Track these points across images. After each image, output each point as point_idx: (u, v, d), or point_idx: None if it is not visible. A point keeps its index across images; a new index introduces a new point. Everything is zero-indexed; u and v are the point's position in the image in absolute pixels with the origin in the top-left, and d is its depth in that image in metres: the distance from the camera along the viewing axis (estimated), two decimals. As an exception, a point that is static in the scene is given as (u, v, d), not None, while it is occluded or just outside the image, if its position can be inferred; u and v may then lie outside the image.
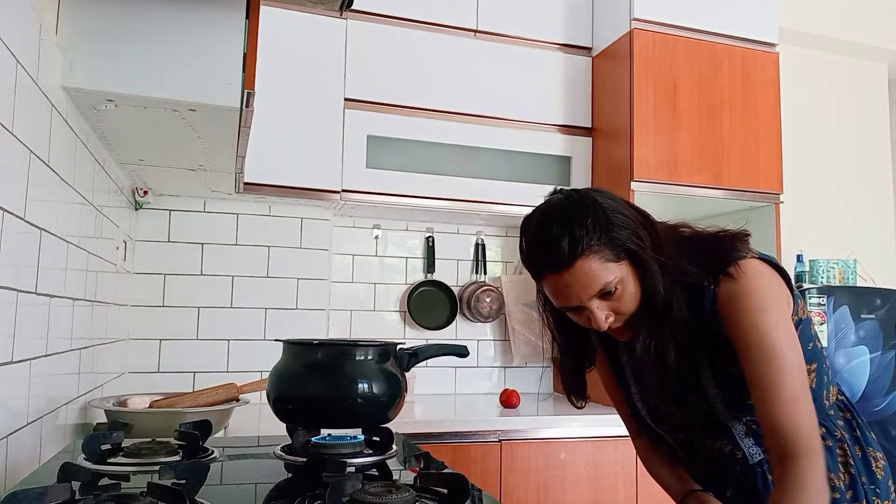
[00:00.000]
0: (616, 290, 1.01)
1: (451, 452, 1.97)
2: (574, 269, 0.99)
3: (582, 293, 1.01)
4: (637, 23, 2.35)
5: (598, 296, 1.01)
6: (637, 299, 1.03)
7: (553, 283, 1.02)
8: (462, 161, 2.38)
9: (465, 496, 0.84)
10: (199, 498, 0.87)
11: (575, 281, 1.00)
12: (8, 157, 0.99)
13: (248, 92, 1.31)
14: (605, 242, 0.99)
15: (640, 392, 1.19)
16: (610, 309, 1.03)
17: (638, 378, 1.19)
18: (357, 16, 2.31)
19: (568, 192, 1.07)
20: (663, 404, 1.16)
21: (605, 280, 1.00)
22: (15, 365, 1.04)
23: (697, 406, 1.10)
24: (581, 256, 0.98)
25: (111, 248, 1.85)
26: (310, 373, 1.22)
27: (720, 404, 1.07)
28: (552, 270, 1.01)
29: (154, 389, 2.07)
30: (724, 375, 1.05)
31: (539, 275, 1.04)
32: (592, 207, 1.01)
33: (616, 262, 1.00)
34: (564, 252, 0.98)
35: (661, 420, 1.17)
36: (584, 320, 1.05)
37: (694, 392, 1.09)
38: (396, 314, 2.63)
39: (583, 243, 0.98)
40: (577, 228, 0.99)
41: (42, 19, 1.15)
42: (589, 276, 0.99)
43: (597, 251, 0.99)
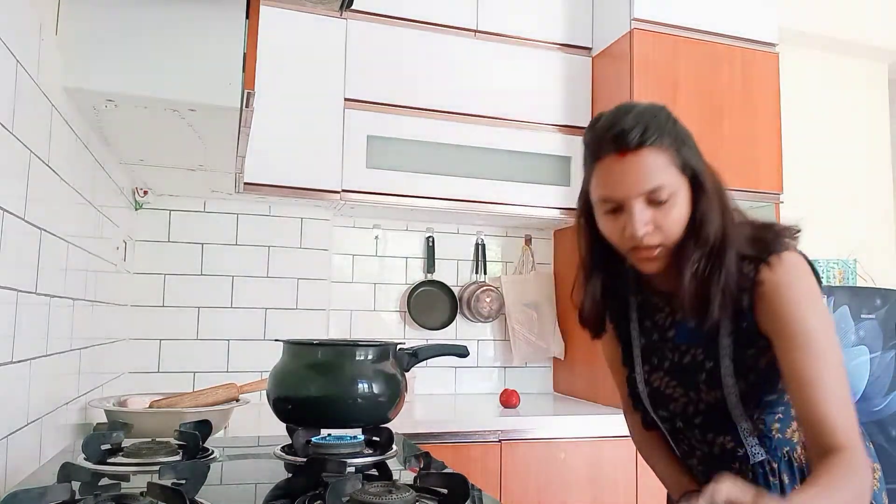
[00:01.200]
0: (666, 202, 0.97)
1: (451, 452, 1.97)
2: (638, 154, 0.96)
3: (634, 185, 0.97)
4: (637, 23, 2.35)
5: (647, 198, 0.97)
6: (682, 225, 1.00)
7: (610, 166, 0.98)
8: (462, 161, 2.38)
9: (465, 496, 0.85)
10: (199, 498, 0.87)
11: (633, 168, 0.96)
12: (8, 157, 0.99)
13: (248, 92, 1.31)
14: (674, 149, 0.98)
15: (645, 373, 1.15)
16: (651, 219, 0.98)
17: (647, 357, 1.15)
18: (357, 16, 2.31)
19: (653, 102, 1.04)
20: (669, 387, 1.11)
21: (662, 181, 0.96)
22: (15, 365, 1.04)
23: (707, 395, 1.06)
24: (649, 146, 0.96)
25: (111, 248, 1.85)
26: (310, 373, 1.22)
27: (734, 396, 1.03)
28: (616, 150, 0.97)
29: (154, 389, 2.07)
30: (747, 367, 1.02)
31: (599, 154, 0.99)
32: (672, 120, 1.00)
33: (677, 172, 0.98)
34: (636, 135, 0.95)
35: (662, 405, 1.13)
36: (618, 228, 1.00)
37: (708, 379, 1.05)
38: (396, 314, 2.63)
39: (655, 135, 0.96)
40: (654, 125, 0.97)
41: (42, 19, 1.15)
42: (649, 168, 0.96)
43: (665, 150, 0.97)
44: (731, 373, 1.03)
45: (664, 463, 1.19)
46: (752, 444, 1.05)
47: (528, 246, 2.80)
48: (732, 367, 1.03)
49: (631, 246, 1.01)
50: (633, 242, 0.99)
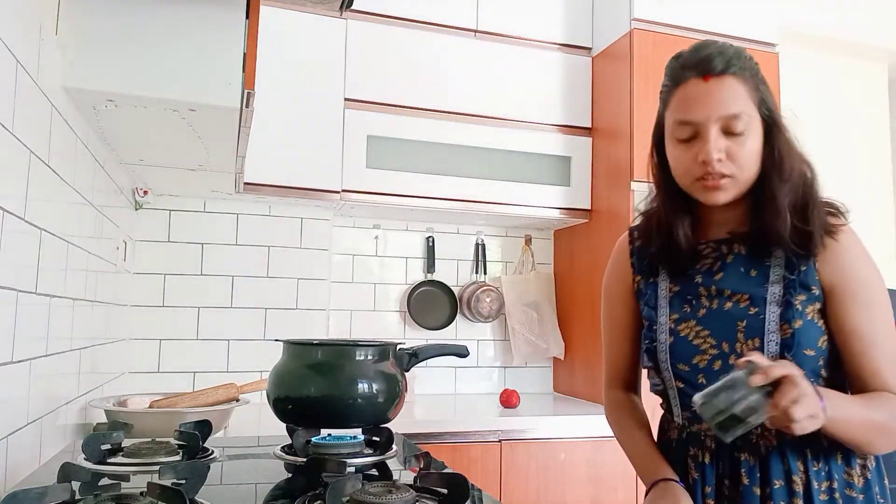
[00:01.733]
0: (742, 134, 0.99)
1: (451, 452, 1.97)
2: (722, 79, 0.99)
3: (714, 109, 0.99)
4: (637, 23, 2.35)
5: (724, 126, 0.99)
6: (755, 160, 1.01)
7: (692, 89, 1.01)
8: (462, 161, 2.38)
9: (465, 496, 0.85)
10: (199, 498, 0.87)
11: (716, 92, 0.99)
12: (8, 157, 0.99)
13: (248, 92, 1.31)
14: (755, 85, 1.01)
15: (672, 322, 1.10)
16: (726, 149, 1.00)
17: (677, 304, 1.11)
18: (357, 16, 2.31)
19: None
20: (699, 337, 1.07)
21: (741, 108, 0.99)
22: (15, 365, 1.04)
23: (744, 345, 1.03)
24: (733, 74, 0.99)
25: (111, 248, 1.85)
26: (310, 373, 1.22)
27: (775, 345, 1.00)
28: (700, 73, 1.00)
29: (154, 389, 2.07)
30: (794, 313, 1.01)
31: (683, 77, 1.02)
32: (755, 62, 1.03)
33: (755, 107, 1.01)
34: (721, 62, 0.99)
35: (685, 358, 1.08)
36: (691, 157, 1.01)
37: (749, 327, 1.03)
38: (396, 314, 2.63)
39: (738, 66, 0.99)
40: (738, 58, 1.00)
41: (42, 19, 1.15)
42: (731, 93, 0.99)
43: (747, 82, 1.00)
44: (777, 319, 1.01)
45: (639, 440, 1.15)
46: None
47: (528, 246, 2.80)
48: (779, 312, 1.02)
49: (700, 174, 1.01)
50: (704, 170, 1.00)
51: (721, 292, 1.07)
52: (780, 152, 1.02)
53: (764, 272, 1.05)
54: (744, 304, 1.04)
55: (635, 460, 1.15)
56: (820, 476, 1.01)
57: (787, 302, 1.01)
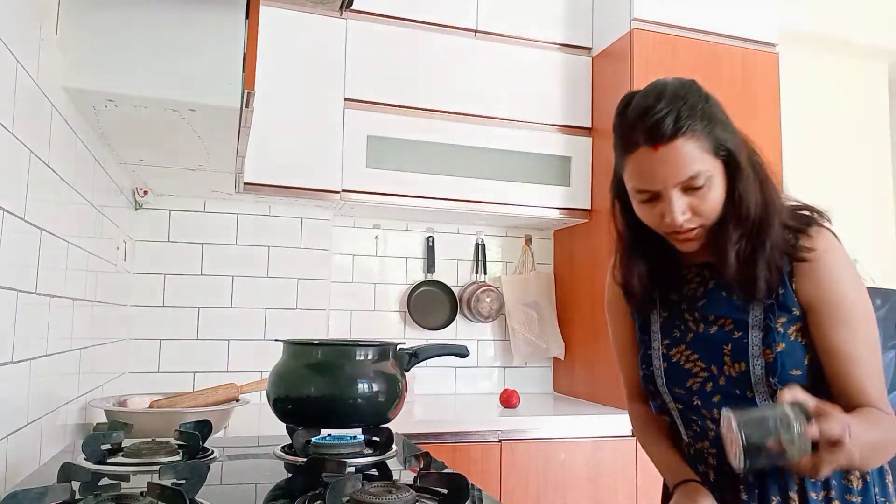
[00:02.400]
0: (702, 187, 0.98)
1: (451, 452, 1.97)
2: (671, 146, 0.96)
3: (670, 175, 0.97)
4: (637, 23, 2.34)
5: (683, 187, 0.98)
6: (719, 206, 1.00)
7: (643, 159, 0.98)
8: (462, 161, 2.38)
9: (465, 496, 0.84)
10: (199, 498, 0.87)
11: (668, 159, 0.96)
12: (8, 157, 0.99)
13: (248, 92, 1.31)
14: (707, 133, 0.97)
15: (664, 347, 1.13)
16: (689, 206, 0.99)
17: (667, 330, 1.14)
18: (357, 16, 2.30)
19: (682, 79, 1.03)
20: (689, 361, 1.10)
21: (698, 168, 0.96)
22: (15, 365, 1.04)
23: (731, 368, 1.04)
24: (683, 136, 0.96)
25: (111, 248, 1.85)
26: (310, 373, 1.22)
27: (760, 368, 1.01)
28: (649, 143, 0.97)
29: (154, 389, 2.07)
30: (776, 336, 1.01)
31: (631, 147, 0.99)
32: (705, 99, 1.00)
33: (711, 157, 0.98)
34: (668, 126, 0.95)
35: (679, 382, 1.11)
36: (657, 216, 1.01)
37: (734, 350, 1.04)
38: (396, 314, 2.63)
39: (688, 124, 0.96)
40: (686, 110, 0.96)
41: (42, 19, 1.15)
42: (684, 158, 0.96)
43: (699, 136, 0.97)
44: (759, 343, 1.02)
45: (663, 448, 1.17)
46: None
47: (528, 246, 2.80)
48: (762, 336, 1.02)
49: (669, 231, 1.02)
50: (673, 228, 1.01)
51: (706, 318, 1.09)
52: (740, 196, 1.00)
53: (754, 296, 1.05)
54: (728, 328, 1.06)
55: (661, 467, 1.17)
56: (816, 486, 1.01)
57: (768, 326, 1.02)
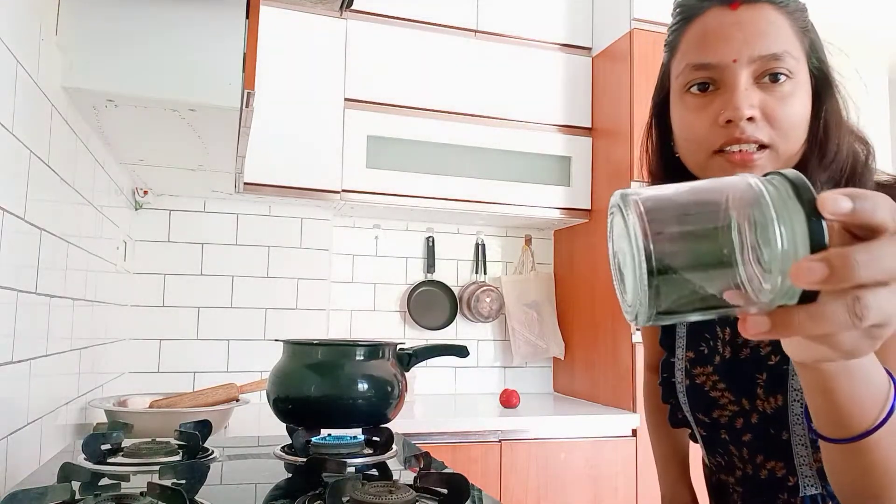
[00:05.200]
0: (785, 82, 0.70)
1: (451, 452, 1.97)
2: (758, 7, 0.70)
3: (746, 45, 0.69)
4: (637, 23, 2.35)
5: (761, 69, 0.70)
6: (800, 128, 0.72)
7: (713, 20, 0.72)
8: (462, 161, 2.38)
9: (465, 496, 0.84)
10: (199, 498, 0.87)
11: (750, 21, 0.70)
12: (8, 157, 0.99)
13: (248, 92, 1.31)
14: (803, 26, 0.73)
15: (688, 361, 0.91)
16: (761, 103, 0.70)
17: (694, 341, 0.91)
18: (357, 16, 2.31)
19: None
20: (716, 390, 0.87)
21: (785, 48, 0.70)
22: (15, 365, 1.04)
23: (765, 402, 0.82)
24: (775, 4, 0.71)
25: (111, 248, 1.85)
26: (310, 373, 1.22)
27: (799, 405, 0.78)
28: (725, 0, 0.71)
29: (154, 389, 2.07)
30: None
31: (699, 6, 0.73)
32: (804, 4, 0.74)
33: (804, 57, 0.72)
34: None
35: (703, 409, 0.89)
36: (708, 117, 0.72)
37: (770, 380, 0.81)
38: (396, 314, 2.63)
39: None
40: None
41: (42, 19, 1.15)
42: (771, 26, 0.70)
43: (793, 16, 0.72)
44: None
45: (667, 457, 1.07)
46: (805, 473, 0.79)
47: (528, 246, 2.80)
48: None
49: (722, 142, 0.71)
50: (729, 134, 0.70)
51: (735, 337, 0.85)
52: (827, 124, 0.73)
53: None
54: (764, 350, 0.82)
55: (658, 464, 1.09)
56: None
57: None
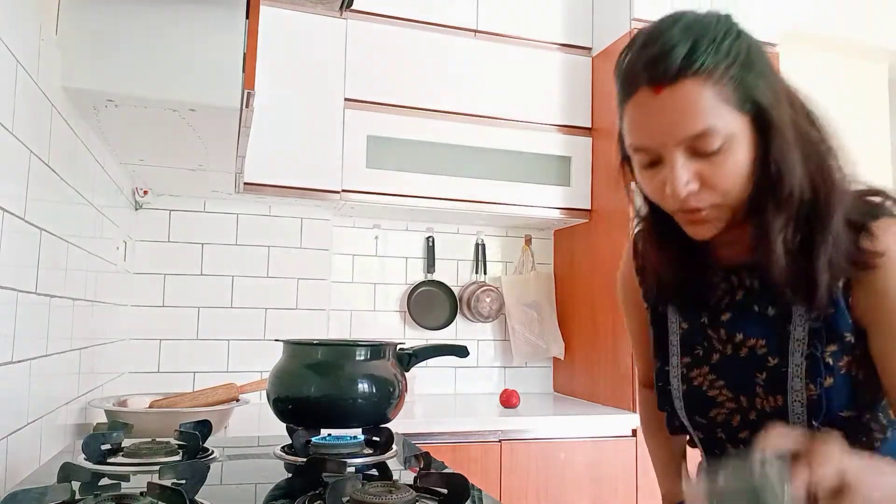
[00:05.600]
0: (717, 150, 0.73)
1: (451, 452, 1.97)
2: (678, 88, 0.72)
3: (673, 129, 0.74)
4: (637, 23, 2.34)
5: (690, 147, 0.74)
6: (741, 178, 0.76)
7: (644, 103, 0.75)
8: (462, 161, 2.38)
9: (465, 496, 0.84)
10: (199, 498, 0.87)
11: (672, 107, 0.73)
12: (8, 157, 0.99)
13: (248, 92, 1.31)
14: (732, 77, 0.73)
15: (683, 366, 0.92)
16: (697, 174, 0.75)
17: (688, 346, 0.91)
18: (357, 16, 2.30)
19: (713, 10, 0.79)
20: (714, 388, 0.89)
21: (710, 123, 0.72)
22: (15, 365, 1.04)
23: (765, 402, 0.84)
24: (694, 76, 0.72)
25: (111, 248, 1.85)
26: (310, 373, 1.22)
27: (799, 405, 0.80)
28: (650, 82, 0.73)
29: (154, 389, 2.07)
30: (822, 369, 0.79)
31: (631, 88, 0.76)
32: (736, 34, 0.76)
33: (734, 111, 0.73)
34: (676, 61, 0.72)
35: (700, 410, 0.91)
36: (658, 185, 0.78)
37: (770, 380, 0.83)
38: (396, 314, 2.63)
39: (703, 61, 0.71)
40: (706, 43, 0.72)
41: (42, 19, 1.15)
42: (692, 107, 0.72)
43: (716, 81, 0.72)
44: (802, 374, 0.80)
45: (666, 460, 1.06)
46: None
47: (528, 246, 2.80)
48: (805, 365, 0.80)
49: (675, 207, 0.79)
50: (676, 204, 0.78)
51: (731, 336, 0.87)
52: (777, 167, 0.75)
53: (784, 311, 0.82)
54: (761, 351, 0.84)
55: (657, 469, 1.08)
56: None
57: (813, 356, 0.80)
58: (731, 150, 0.74)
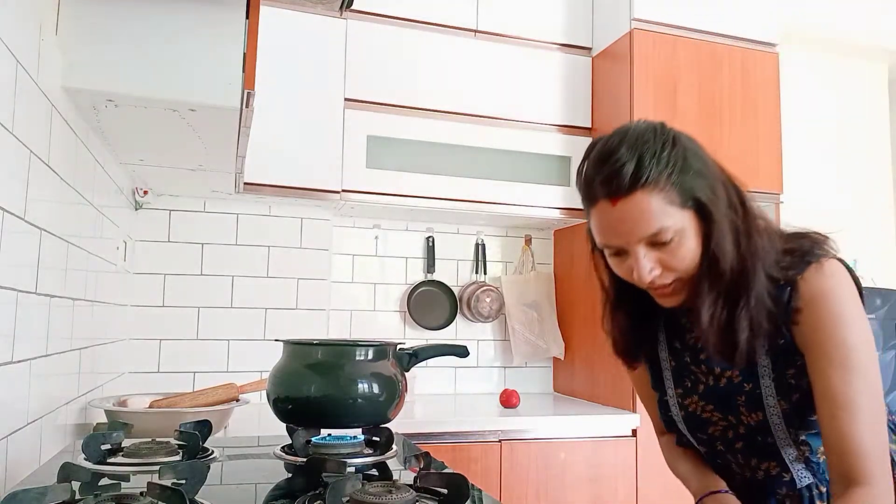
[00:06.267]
0: (671, 241, 0.90)
1: (451, 452, 1.97)
2: (631, 200, 0.88)
3: (631, 232, 0.90)
4: (637, 23, 2.34)
5: (648, 242, 0.90)
6: (694, 259, 0.92)
7: (604, 213, 0.92)
8: (462, 161, 2.38)
9: (465, 496, 0.84)
10: (199, 498, 0.87)
11: (628, 215, 0.89)
12: (8, 157, 0.99)
13: (248, 92, 1.31)
14: (673, 183, 0.89)
15: (678, 396, 1.09)
16: (658, 261, 0.91)
17: (679, 380, 1.08)
18: (357, 16, 2.31)
19: (650, 122, 0.95)
20: (706, 412, 1.05)
21: (662, 224, 0.89)
22: (15, 365, 1.04)
23: (748, 418, 1.00)
24: (643, 188, 0.88)
25: (111, 248, 1.85)
26: (310, 373, 1.22)
27: (777, 417, 0.97)
28: (607, 196, 0.90)
29: (154, 389, 2.07)
30: (788, 386, 0.96)
31: (591, 199, 0.93)
32: (672, 142, 0.91)
33: (679, 209, 0.90)
34: (626, 177, 0.88)
35: (699, 429, 1.07)
36: (626, 270, 0.94)
37: (748, 401, 0.99)
38: (396, 314, 2.63)
39: (649, 174, 0.87)
40: (648, 157, 0.88)
41: (42, 19, 1.15)
42: (645, 213, 0.88)
43: (662, 188, 0.88)
44: (773, 392, 0.97)
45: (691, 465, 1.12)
46: (797, 468, 1.00)
47: (528, 246, 2.80)
48: (774, 386, 0.97)
49: (644, 286, 0.96)
50: (644, 285, 0.95)
51: (711, 370, 1.03)
52: (714, 252, 0.91)
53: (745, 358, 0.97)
54: (736, 380, 1.00)
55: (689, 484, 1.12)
56: None
57: (779, 377, 0.96)
58: (682, 239, 0.91)
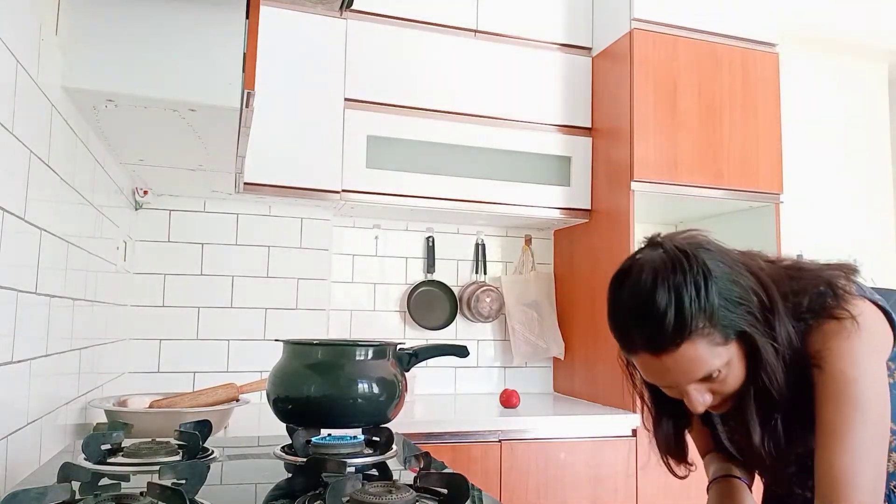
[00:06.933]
0: (720, 374, 0.89)
1: (451, 452, 1.97)
2: (678, 353, 0.85)
3: (682, 378, 0.89)
4: (637, 23, 2.34)
5: (699, 380, 0.90)
6: (741, 380, 0.91)
7: (648, 362, 0.90)
8: (462, 161, 2.38)
9: (465, 496, 0.84)
10: (199, 498, 0.87)
11: (675, 365, 0.87)
12: (8, 157, 0.99)
13: (248, 92, 1.31)
14: (715, 323, 0.85)
15: (727, 432, 1.09)
16: (709, 391, 0.91)
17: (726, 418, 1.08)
18: (357, 16, 2.31)
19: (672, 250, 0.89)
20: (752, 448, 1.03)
21: (712, 367, 0.87)
22: (15, 365, 1.04)
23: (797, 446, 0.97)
24: (688, 340, 0.85)
25: (111, 248, 1.85)
26: (310, 373, 1.22)
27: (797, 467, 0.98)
28: (650, 350, 0.87)
29: (154, 389, 2.07)
30: None
31: (631, 348, 0.91)
32: (704, 276, 0.86)
33: (725, 346, 0.87)
34: (668, 331, 0.84)
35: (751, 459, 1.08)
36: (675, 394, 0.94)
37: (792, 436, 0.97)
38: (396, 314, 2.63)
39: (692, 324, 0.84)
40: (688, 303, 0.84)
41: (42, 19, 1.15)
42: (694, 362, 0.86)
43: (707, 334, 0.85)
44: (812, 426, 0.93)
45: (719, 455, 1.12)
46: None
47: (528, 246, 2.80)
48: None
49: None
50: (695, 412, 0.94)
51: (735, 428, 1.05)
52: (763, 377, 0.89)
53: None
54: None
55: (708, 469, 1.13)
56: None
57: None
58: (731, 370, 0.89)
